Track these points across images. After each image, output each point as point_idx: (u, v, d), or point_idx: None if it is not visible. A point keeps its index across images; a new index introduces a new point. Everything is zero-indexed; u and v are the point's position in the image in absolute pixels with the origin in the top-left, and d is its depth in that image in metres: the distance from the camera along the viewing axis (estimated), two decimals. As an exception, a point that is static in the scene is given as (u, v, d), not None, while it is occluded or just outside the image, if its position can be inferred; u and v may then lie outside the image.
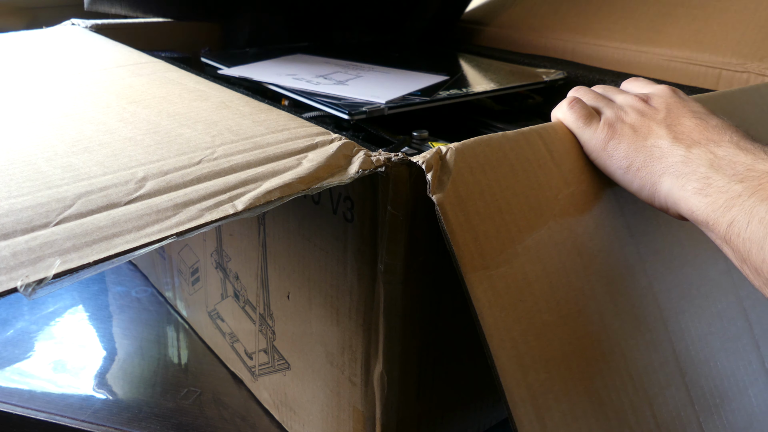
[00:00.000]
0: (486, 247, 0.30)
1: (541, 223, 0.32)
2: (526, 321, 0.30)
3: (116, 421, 0.46)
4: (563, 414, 0.30)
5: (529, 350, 0.30)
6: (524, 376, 0.29)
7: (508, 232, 0.31)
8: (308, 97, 0.50)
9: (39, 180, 0.27)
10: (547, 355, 0.30)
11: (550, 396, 0.30)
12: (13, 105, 0.38)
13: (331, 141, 0.32)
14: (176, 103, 0.38)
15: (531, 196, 0.32)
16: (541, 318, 0.31)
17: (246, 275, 0.44)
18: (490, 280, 0.29)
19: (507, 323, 0.29)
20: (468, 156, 0.31)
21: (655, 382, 0.34)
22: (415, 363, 0.36)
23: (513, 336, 0.29)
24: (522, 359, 0.29)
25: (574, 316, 0.32)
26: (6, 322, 0.57)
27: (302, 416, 0.43)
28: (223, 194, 0.27)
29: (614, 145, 0.34)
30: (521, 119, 0.60)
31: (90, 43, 0.58)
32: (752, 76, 0.56)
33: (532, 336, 0.30)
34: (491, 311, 0.29)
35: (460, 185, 0.30)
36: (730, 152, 0.30)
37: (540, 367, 0.30)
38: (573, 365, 0.31)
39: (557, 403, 0.30)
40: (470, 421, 0.42)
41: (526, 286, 0.30)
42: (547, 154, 0.34)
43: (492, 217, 0.30)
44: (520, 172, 0.32)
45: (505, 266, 0.30)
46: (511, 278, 0.30)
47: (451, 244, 0.29)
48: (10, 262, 0.21)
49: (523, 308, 0.30)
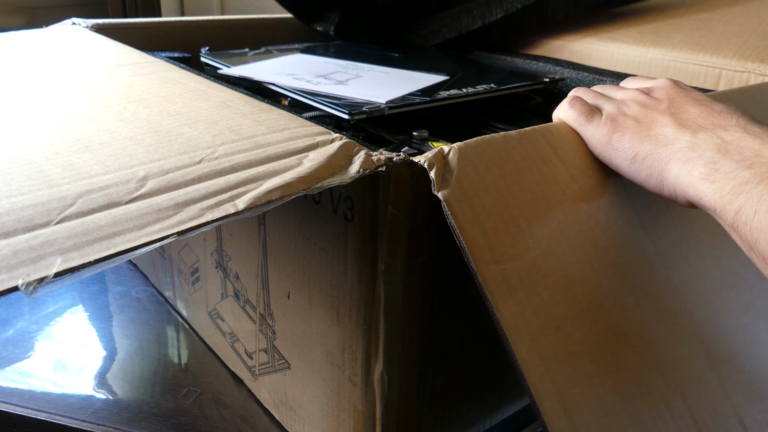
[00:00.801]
0: (496, 241, 0.29)
1: (551, 218, 0.32)
2: (543, 314, 0.30)
3: (116, 421, 0.46)
4: (592, 409, 0.30)
5: (549, 344, 0.29)
6: (547, 371, 0.29)
7: (518, 227, 0.30)
8: (309, 97, 0.50)
9: (40, 179, 0.27)
10: (568, 349, 0.30)
11: (577, 391, 0.30)
12: (13, 104, 0.38)
13: (331, 141, 0.32)
14: (177, 103, 0.38)
15: (538, 192, 0.32)
16: (559, 311, 0.30)
17: (246, 275, 0.44)
18: (503, 274, 0.29)
19: (524, 316, 0.29)
20: (471, 154, 0.30)
21: (687, 376, 0.34)
22: (415, 363, 0.36)
23: (532, 329, 0.29)
24: (543, 353, 0.29)
25: (594, 309, 0.32)
26: (6, 321, 0.57)
27: (302, 416, 0.43)
28: (224, 193, 0.27)
29: (618, 137, 0.33)
30: (521, 120, 0.60)
31: (90, 43, 0.58)
32: (753, 76, 0.56)
33: (551, 329, 0.30)
34: (507, 305, 0.29)
35: (465, 182, 0.30)
36: (737, 137, 0.29)
37: (563, 361, 0.30)
38: (597, 359, 0.31)
39: (585, 398, 0.30)
40: (470, 421, 0.42)
41: (541, 280, 0.30)
42: (552, 151, 0.34)
43: (500, 212, 0.30)
44: (524, 169, 0.32)
45: (517, 260, 0.30)
46: (525, 272, 0.30)
47: (461, 239, 0.28)
48: (11, 261, 0.21)
49: (539, 301, 0.30)
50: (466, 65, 0.67)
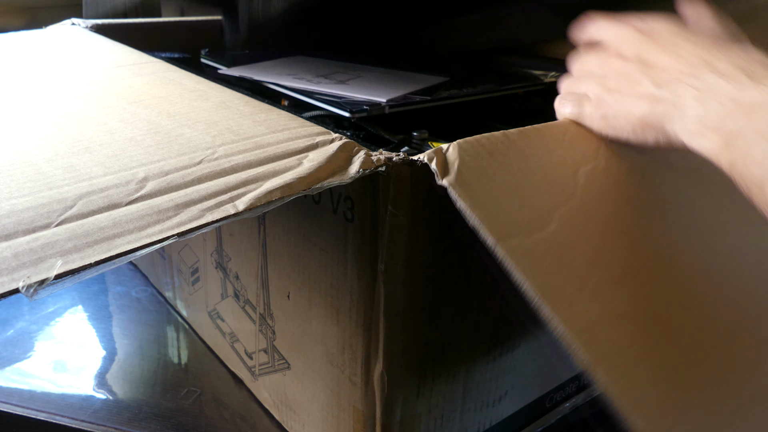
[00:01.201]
0: (510, 218, 0.29)
1: (567, 196, 0.31)
2: (578, 280, 0.29)
3: (116, 421, 0.46)
4: (653, 370, 0.29)
5: (590, 308, 0.29)
6: (594, 334, 0.28)
7: (531, 206, 0.30)
8: (309, 96, 0.50)
9: (40, 181, 0.27)
10: (614, 311, 0.29)
11: (633, 351, 0.29)
12: (13, 105, 0.38)
13: (331, 141, 0.32)
14: (176, 103, 0.38)
15: (549, 172, 0.32)
16: (594, 278, 0.30)
17: (246, 275, 0.44)
18: (523, 247, 0.29)
19: (557, 283, 0.28)
20: (469, 148, 0.30)
21: (749, 340, 0.33)
22: (415, 363, 0.36)
23: (566, 296, 0.28)
24: (585, 316, 0.28)
25: (632, 274, 0.31)
26: (6, 322, 0.57)
27: (302, 416, 0.43)
28: (224, 194, 0.27)
29: (612, 115, 0.33)
30: (521, 120, 0.60)
31: (90, 43, 0.58)
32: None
33: (589, 294, 0.29)
34: (534, 274, 0.28)
35: (466, 170, 0.29)
36: (711, 82, 0.28)
37: (609, 323, 0.29)
38: (650, 321, 0.30)
39: (644, 358, 0.29)
40: (470, 421, 0.42)
41: (569, 250, 0.30)
42: (559, 137, 0.33)
43: (510, 192, 0.30)
44: (531, 156, 0.32)
45: (537, 234, 0.29)
46: (547, 244, 0.29)
47: (474, 218, 0.28)
48: (12, 263, 0.21)
49: (569, 270, 0.29)
50: (466, 66, 0.67)
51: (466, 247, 0.34)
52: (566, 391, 0.49)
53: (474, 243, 0.35)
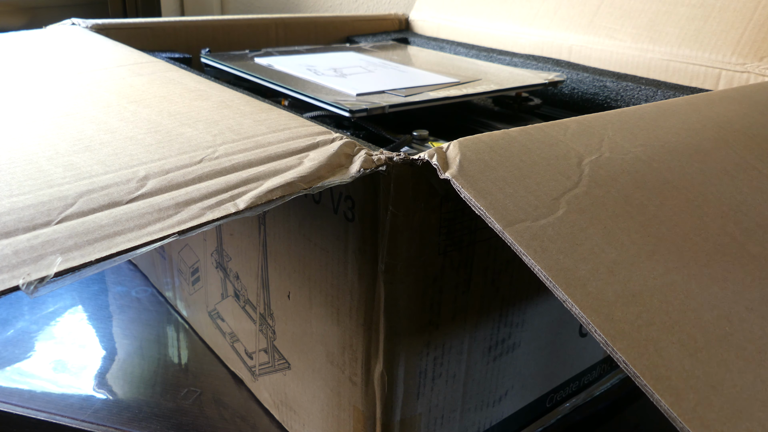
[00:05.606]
0: (516, 205, 0.29)
1: (573, 183, 0.31)
2: (592, 260, 0.29)
3: (116, 421, 0.46)
4: (675, 346, 0.28)
5: (605, 286, 0.28)
6: (612, 311, 0.28)
7: (536, 192, 0.30)
8: (309, 96, 0.50)
9: (40, 179, 0.27)
10: (630, 289, 0.29)
11: (654, 327, 0.28)
12: (13, 104, 0.38)
13: (332, 140, 0.32)
14: (177, 103, 0.38)
15: (552, 163, 0.32)
16: (608, 257, 0.30)
17: (246, 275, 0.44)
18: (531, 231, 0.28)
19: (571, 263, 0.28)
20: (471, 144, 0.30)
21: None
22: (415, 363, 0.36)
23: (581, 275, 0.28)
24: (602, 295, 0.28)
25: (648, 254, 0.31)
26: (6, 321, 0.57)
27: (302, 416, 0.43)
28: (225, 193, 0.27)
29: None
30: (521, 120, 0.60)
31: (90, 43, 0.58)
32: (752, 76, 0.56)
33: (605, 273, 0.29)
34: (545, 256, 0.28)
35: (468, 163, 0.29)
36: None
37: (628, 301, 0.28)
38: (670, 297, 0.30)
39: (667, 334, 0.28)
40: (470, 421, 0.42)
41: (580, 231, 0.30)
42: (560, 133, 0.33)
43: (514, 181, 0.30)
44: (533, 149, 0.32)
45: (545, 219, 0.29)
46: (556, 227, 0.29)
47: (480, 207, 0.28)
48: (12, 261, 0.21)
49: (583, 250, 0.29)
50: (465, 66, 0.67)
51: (467, 247, 0.34)
52: (566, 391, 0.49)
53: (474, 243, 0.35)
